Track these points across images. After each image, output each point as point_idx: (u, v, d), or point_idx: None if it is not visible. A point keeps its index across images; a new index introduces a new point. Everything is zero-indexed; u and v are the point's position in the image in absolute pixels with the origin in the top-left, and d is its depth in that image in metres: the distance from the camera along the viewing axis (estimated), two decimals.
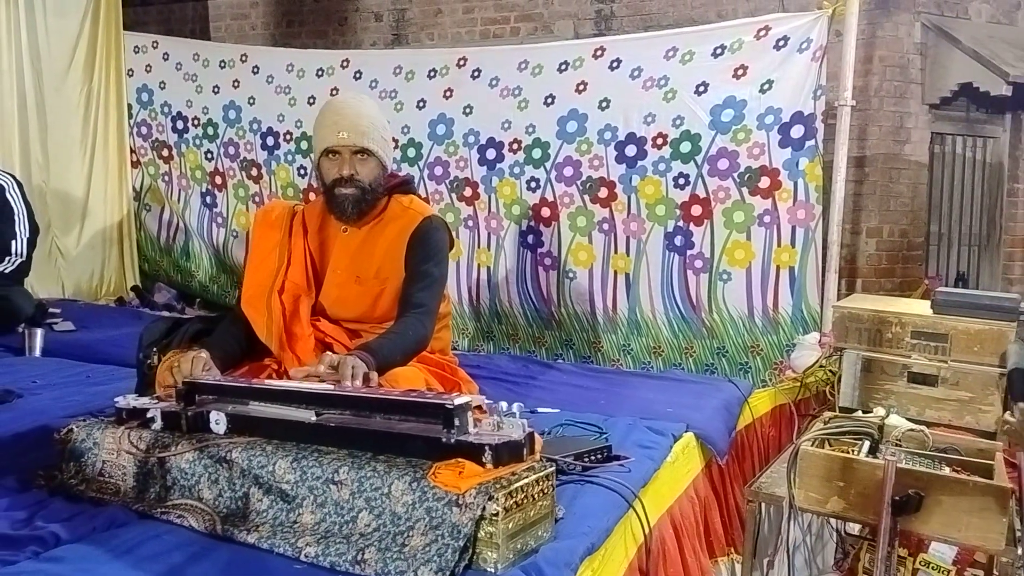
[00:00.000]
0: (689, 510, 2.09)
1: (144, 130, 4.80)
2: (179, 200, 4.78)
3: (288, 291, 2.16)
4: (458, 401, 1.46)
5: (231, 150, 4.60)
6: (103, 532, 1.54)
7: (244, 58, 4.54)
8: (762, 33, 3.32)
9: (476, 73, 3.94)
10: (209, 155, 4.66)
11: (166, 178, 4.80)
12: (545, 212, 3.82)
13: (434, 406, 1.50)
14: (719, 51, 3.42)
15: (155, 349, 2.17)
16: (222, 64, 4.57)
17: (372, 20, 5.68)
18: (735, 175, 3.41)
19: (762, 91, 3.32)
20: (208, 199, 4.71)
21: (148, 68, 4.74)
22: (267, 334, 2.11)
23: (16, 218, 3.41)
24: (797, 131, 3.27)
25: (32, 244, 3.47)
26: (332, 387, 1.68)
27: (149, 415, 1.75)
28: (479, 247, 3.97)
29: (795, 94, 3.27)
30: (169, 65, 4.69)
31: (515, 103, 3.85)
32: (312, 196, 4.39)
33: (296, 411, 1.64)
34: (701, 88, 3.44)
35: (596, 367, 3.48)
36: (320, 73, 4.33)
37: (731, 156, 3.41)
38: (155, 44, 4.74)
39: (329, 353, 1.75)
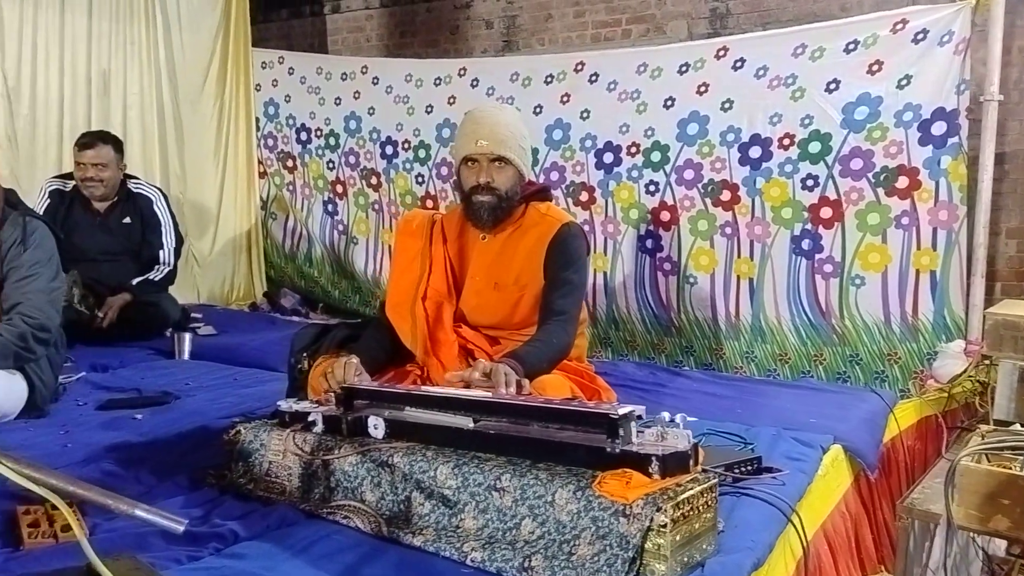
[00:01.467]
0: (841, 526, 2.02)
1: (270, 142, 5.00)
2: (303, 209, 4.96)
3: (431, 298, 2.21)
4: (622, 411, 1.46)
5: (351, 159, 4.75)
6: (275, 530, 1.61)
7: (364, 70, 4.67)
8: (899, 27, 3.19)
9: (594, 77, 3.93)
10: (331, 165, 4.83)
11: (291, 188, 4.99)
12: (664, 216, 3.78)
13: (598, 415, 1.50)
14: (852, 46, 3.30)
15: (305, 354, 2.26)
16: (344, 76, 4.72)
17: (483, 28, 5.75)
18: (869, 175, 3.29)
19: (899, 87, 3.18)
20: (330, 207, 4.87)
21: (274, 82, 4.95)
22: (412, 340, 2.17)
23: (163, 229, 3.61)
24: (939, 128, 3.12)
25: (177, 253, 3.67)
26: (489, 394, 1.70)
27: (310, 419, 1.82)
28: (595, 252, 3.96)
29: (936, 89, 3.12)
30: (294, 79, 4.88)
31: (633, 106, 3.82)
32: (430, 204, 4.49)
33: (454, 417, 1.67)
34: (832, 85, 3.33)
35: (726, 375, 3.41)
36: (438, 82, 4.41)
37: (865, 155, 3.28)
38: (281, 59, 4.95)
39: (482, 360, 1.78)
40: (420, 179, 4.51)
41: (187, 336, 3.22)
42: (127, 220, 3.55)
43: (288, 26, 6.43)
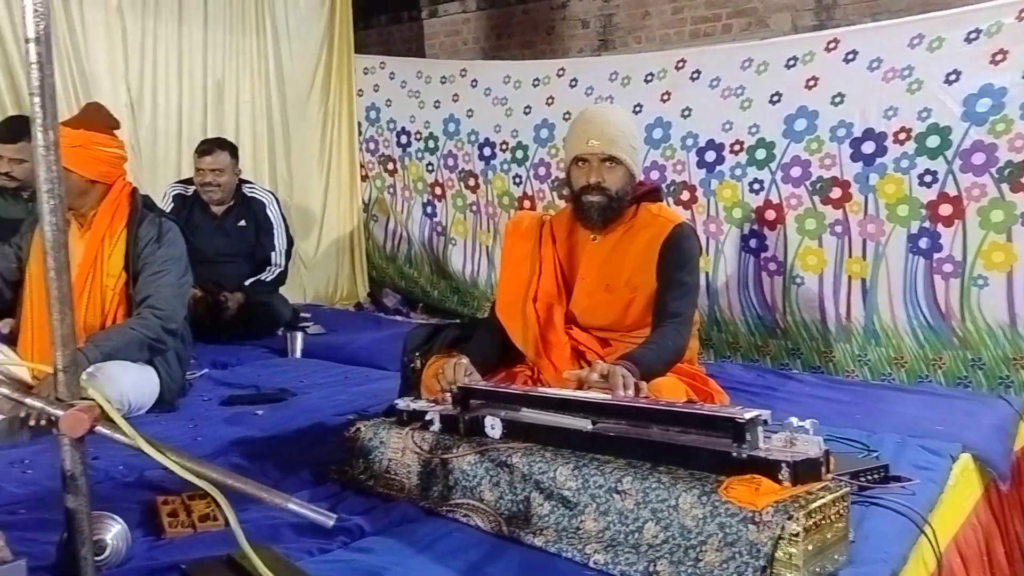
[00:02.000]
0: (973, 539, 1.93)
1: (372, 146, 5.13)
2: (403, 211, 5.06)
3: (541, 299, 2.22)
4: (748, 415, 1.43)
5: (450, 161, 4.82)
6: (398, 526, 1.65)
7: (463, 72, 4.73)
8: None
9: (696, 74, 3.87)
10: (430, 167, 4.91)
11: (391, 190, 5.10)
12: (770, 215, 3.68)
13: (723, 419, 1.47)
14: (973, 36, 3.14)
15: (418, 354, 2.31)
16: (443, 80, 4.80)
17: (579, 27, 5.74)
18: (992, 170, 3.12)
19: None
20: (429, 209, 4.95)
21: (376, 87, 5.07)
22: (523, 341, 2.18)
23: (275, 231, 3.75)
24: None
25: (288, 255, 3.81)
26: (607, 396, 1.69)
27: (428, 417, 1.86)
28: None
29: None
30: (395, 83, 4.98)
31: (737, 103, 3.74)
32: (527, 204, 4.51)
33: (572, 419, 1.68)
34: (952, 77, 3.17)
35: (839, 379, 3.29)
36: (536, 83, 4.43)
37: (988, 150, 3.11)
38: (382, 65, 5.06)
39: (599, 362, 1.78)
40: (517, 180, 4.54)
41: (299, 335, 3.33)
42: (242, 223, 3.70)
43: (387, 31, 6.58)
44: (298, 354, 3.30)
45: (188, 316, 2.67)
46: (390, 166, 5.08)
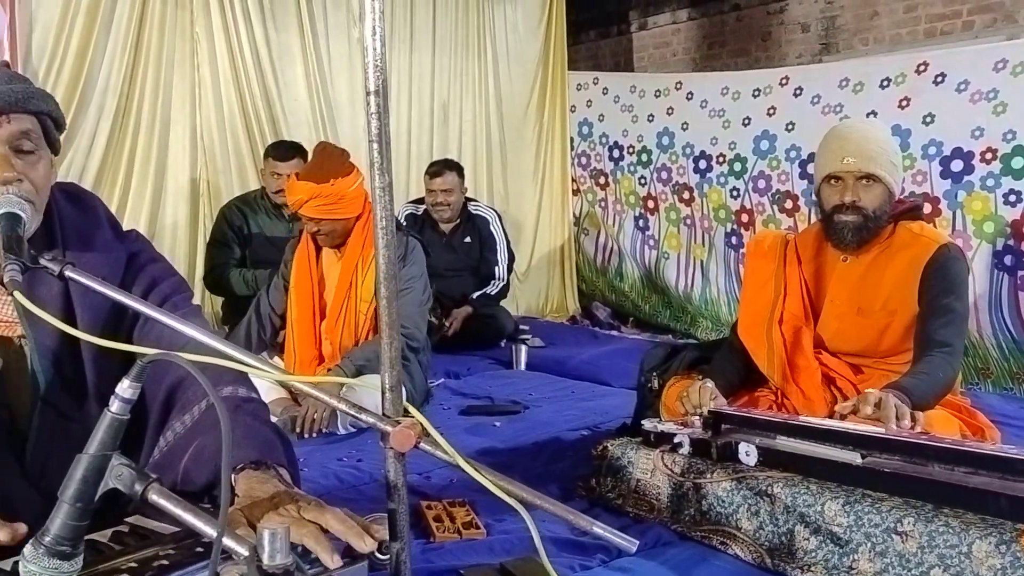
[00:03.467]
0: None
1: (584, 160, 5.20)
2: (614, 224, 5.09)
3: (787, 322, 2.14)
4: None
5: (663, 175, 4.78)
6: (652, 547, 1.65)
7: (679, 85, 4.69)
8: None
9: (940, 78, 3.59)
10: (642, 180, 4.90)
11: (603, 204, 5.15)
12: None
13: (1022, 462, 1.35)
14: None
15: (655, 374, 2.30)
16: (657, 93, 4.78)
17: (798, 31, 5.50)
18: None
19: None
20: (640, 222, 4.95)
21: (588, 103, 5.14)
22: (768, 365, 2.12)
23: (499, 247, 3.91)
24: None
25: (510, 269, 3.96)
26: (879, 428, 1.61)
27: (676, 440, 1.85)
28: None
29: None
30: (608, 98, 5.03)
31: (989, 107, 3.43)
32: (745, 217, 4.38)
33: (839, 451, 1.61)
34: None
35: None
36: (756, 93, 4.30)
37: None
38: (595, 80, 5.13)
39: (872, 391, 1.68)
40: (735, 193, 4.43)
41: (523, 348, 3.44)
42: (468, 239, 3.89)
43: (596, 46, 6.65)
44: (523, 366, 3.41)
45: None
46: (602, 180, 5.13)
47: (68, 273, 1.13)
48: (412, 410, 1.10)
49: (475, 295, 3.80)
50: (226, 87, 3.96)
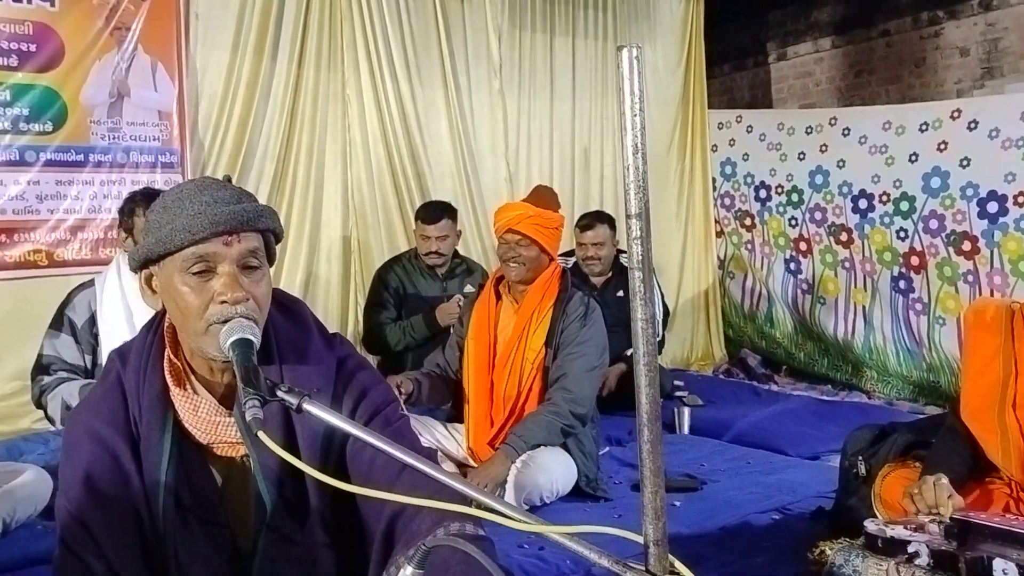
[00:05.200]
0: None
1: (727, 201, 5.00)
2: (762, 267, 4.85)
3: (1022, 406, 1.91)
4: None
5: (817, 215, 4.53)
6: None
7: (833, 121, 4.44)
8: None
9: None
10: (793, 222, 4.65)
11: (749, 246, 4.92)
12: None
13: None
14: None
15: (861, 458, 2.11)
16: (808, 130, 4.55)
17: (956, 56, 5.14)
18: None
19: None
20: (792, 265, 4.69)
21: (731, 142, 4.94)
22: (1003, 456, 1.89)
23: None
24: None
25: (665, 323, 3.80)
26: None
27: (911, 549, 1.65)
28: None
29: None
30: (752, 137, 4.82)
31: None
32: (915, 260, 4.07)
33: None
34: None
35: None
36: (924, 127, 4.01)
37: None
38: (739, 118, 4.93)
39: None
40: (902, 234, 4.12)
41: (686, 411, 3.27)
42: (620, 293, 3.75)
43: (730, 79, 6.44)
44: (686, 430, 3.24)
45: None
46: (747, 221, 4.91)
47: (305, 407, 1.09)
48: (680, 566, 0.98)
49: (629, 352, 3.65)
50: (374, 144, 4.01)
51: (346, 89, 3.93)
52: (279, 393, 1.09)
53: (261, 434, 1.03)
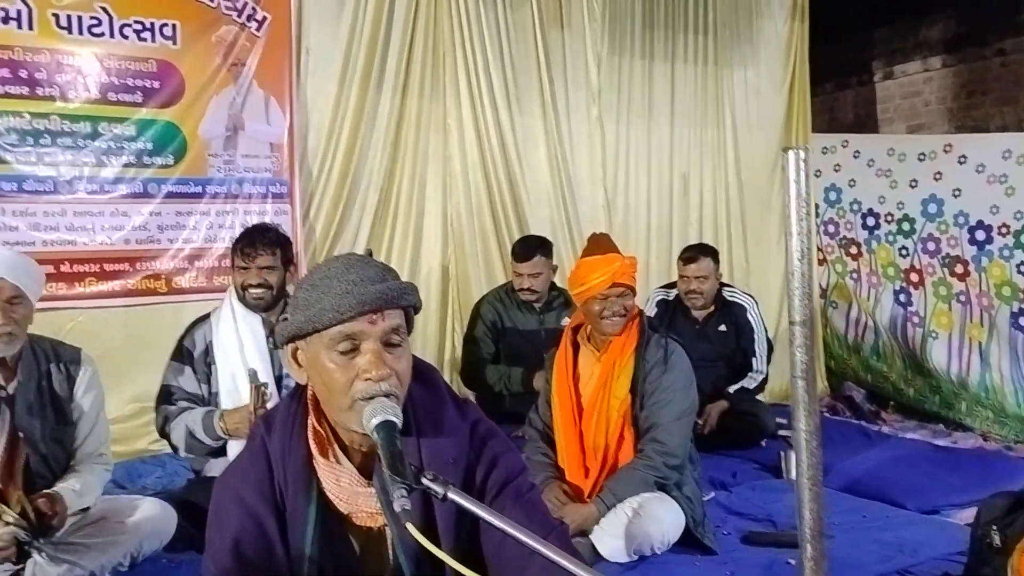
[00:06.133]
0: None
1: (831, 228, 4.84)
2: (868, 297, 4.67)
3: None
4: None
5: (930, 246, 4.33)
6: None
7: (948, 148, 4.25)
8: None
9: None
10: (904, 251, 4.47)
11: (854, 275, 4.75)
12: None
13: None
14: None
15: (994, 528, 1.99)
16: (921, 156, 4.36)
17: None
18: None
19: None
20: (902, 297, 4.50)
21: (836, 167, 4.78)
22: None
23: (756, 336, 3.64)
24: None
25: (769, 360, 3.68)
26: None
27: None
28: None
29: None
30: (859, 162, 4.66)
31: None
32: None
33: None
34: None
35: None
36: None
37: None
38: (845, 143, 4.77)
39: None
40: (1022, 267, 3.90)
41: (794, 455, 3.15)
42: (722, 328, 3.66)
43: (832, 99, 6.23)
44: (793, 475, 3.10)
45: None
46: (853, 250, 4.74)
47: (451, 495, 1.10)
48: None
49: (733, 388, 3.55)
50: (474, 174, 4.03)
51: (447, 118, 3.97)
52: (424, 481, 1.10)
53: (409, 525, 1.04)
